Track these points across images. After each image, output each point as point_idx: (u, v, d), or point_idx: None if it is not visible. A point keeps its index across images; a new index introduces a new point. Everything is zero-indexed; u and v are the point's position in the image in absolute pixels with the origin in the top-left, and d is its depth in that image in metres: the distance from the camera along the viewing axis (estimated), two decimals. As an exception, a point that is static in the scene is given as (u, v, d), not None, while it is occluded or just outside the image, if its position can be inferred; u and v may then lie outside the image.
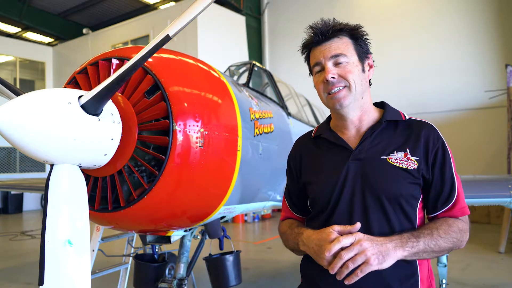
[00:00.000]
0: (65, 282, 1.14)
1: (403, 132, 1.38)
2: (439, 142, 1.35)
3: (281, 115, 3.17)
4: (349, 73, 1.34)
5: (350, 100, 1.35)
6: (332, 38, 1.37)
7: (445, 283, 3.46)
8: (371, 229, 1.28)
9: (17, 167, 13.45)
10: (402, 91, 10.46)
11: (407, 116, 1.44)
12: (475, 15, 10.10)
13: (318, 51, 1.39)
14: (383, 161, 1.33)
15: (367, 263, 1.12)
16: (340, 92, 1.35)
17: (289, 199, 1.61)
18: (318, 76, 1.40)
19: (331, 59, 1.35)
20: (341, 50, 1.35)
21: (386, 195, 1.30)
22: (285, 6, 13.34)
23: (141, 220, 1.70)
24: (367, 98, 1.42)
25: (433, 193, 1.35)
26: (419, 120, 1.42)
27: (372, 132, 1.39)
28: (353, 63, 1.36)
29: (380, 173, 1.32)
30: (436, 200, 1.35)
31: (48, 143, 1.13)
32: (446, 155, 1.35)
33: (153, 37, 1.66)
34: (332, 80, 1.34)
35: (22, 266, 5.92)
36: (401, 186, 1.30)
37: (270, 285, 4.81)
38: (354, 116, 1.40)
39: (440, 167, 1.34)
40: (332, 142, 1.44)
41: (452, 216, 1.35)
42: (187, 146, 1.60)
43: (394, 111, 1.44)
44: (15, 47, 14.56)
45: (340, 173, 1.36)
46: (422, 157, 1.33)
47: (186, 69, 1.81)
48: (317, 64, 1.39)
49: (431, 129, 1.38)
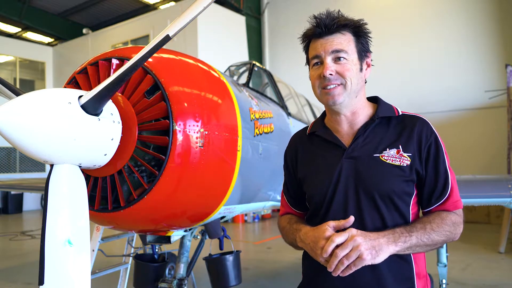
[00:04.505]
0: (65, 282, 1.14)
1: (396, 128, 1.38)
2: (432, 136, 1.35)
3: (281, 115, 3.17)
4: (347, 71, 1.33)
5: (344, 98, 1.35)
6: (335, 32, 1.35)
7: (445, 283, 3.46)
8: (365, 226, 1.30)
9: (17, 167, 13.45)
10: (402, 91, 10.45)
11: (401, 111, 1.43)
12: (475, 15, 10.10)
13: (319, 43, 1.37)
14: (376, 159, 1.33)
15: (360, 258, 1.14)
16: (335, 89, 1.34)
17: (287, 194, 1.61)
18: (315, 69, 1.38)
19: (331, 54, 1.34)
20: (342, 46, 1.34)
21: (378, 192, 1.31)
22: (285, 6, 13.33)
23: (141, 220, 1.70)
24: (361, 97, 1.42)
25: (427, 188, 1.35)
26: (412, 115, 1.41)
27: (365, 130, 1.39)
28: (352, 61, 1.35)
29: (373, 171, 1.32)
30: (430, 195, 1.35)
31: (48, 143, 1.13)
32: (440, 149, 1.35)
33: (153, 37, 1.65)
34: (329, 77, 1.33)
35: (22, 266, 5.92)
36: (394, 183, 1.31)
37: (270, 285, 4.80)
38: (347, 112, 1.40)
39: (434, 162, 1.34)
40: (326, 140, 1.45)
41: (445, 209, 1.35)
42: (187, 146, 1.60)
43: (387, 107, 1.44)
44: (15, 47, 14.56)
45: (334, 171, 1.37)
46: (415, 152, 1.33)
47: (186, 69, 1.81)
48: (316, 56, 1.38)
49: (424, 124, 1.37)
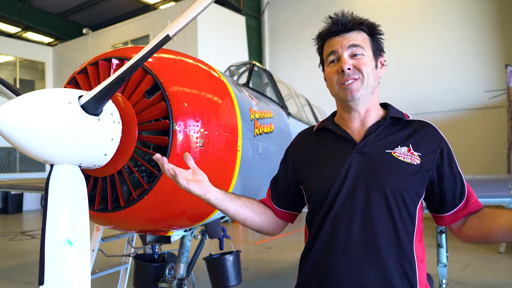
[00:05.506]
0: (65, 282, 1.14)
1: (406, 130, 1.40)
2: (442, 141, 1.37)
3: (281, 115, 3.17)
4: (364, 65, 1.35)
5: (361, 93, 1.36)
6: (351, 30, 1.38)
7: (445, 283, 3.46)
8: (372, 219, 1.27)
9: (17, 167, 13.45)
10: (402, 91, 10.45)
11: (410, 117, 1.46)
12: (475, 15, 10.10)
13: (335, 41, 1.39)
14: (387, 154, 1.33)
15: None
16: (353, 84, 1.35)
17: (274, 189, 1.59)
18: (332, 66, 1.40)
19: (348, 49, 1.36)
20: (359, 42, 1.37)
21: (390, 187, 1.29)
22: (285, 6, 13.33)
23: (141, 220, 1.70)
24: (376, 95, 1.44)
25: (448, 190, 1.36)
26: (421, 120, 1.44)
27: (378, 127, 1.39)
28: (368, 57, 1.37)
29: (385, 167, 1.31)
30: (454, 196, 1.36)
31: (48, 143, 1.13)
32: (451, 153, 1.37)
33: (153, 37, 1.65)
34: (347, 72, 1.34)
35: (22, 266, 5.93)
36: (406, 180, 1.30)
37: (270, 285, 4.81)
38: (362, 109, 1.41)
39: (449, 164, 1.35)
40: (336, 133, 1.44)
41: (470, 211, 1.37)
42: (187, 146, 1.60)
43: (398, 111, 1.47)
44: (15, 47, 14.56)
45: (344, 164, 1.35)
46: (425, 154, 1.33)
47: (186, 69, 1.81)
48: (332, 52, 1.39)
49: (433, 129, 1.40)
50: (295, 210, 1.58)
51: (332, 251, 1.29)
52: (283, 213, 1.57)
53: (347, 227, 1.29)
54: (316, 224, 1.37)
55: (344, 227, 1.29)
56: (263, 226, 1.53)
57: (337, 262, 1.28)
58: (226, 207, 1.38)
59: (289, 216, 1.58)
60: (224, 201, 1.37)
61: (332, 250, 1.29)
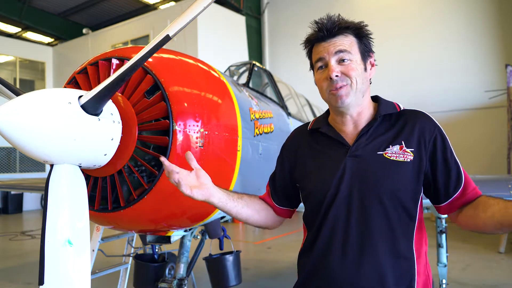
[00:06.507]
0: (65, 282, 1.14)
1: (398, 124, 1.39)
2: (436, 130, 1.36)
3: (281, 115, 3.17)
4: (352, 70, 1.34)
5: (351, 98, 1.36)
6: (337, 35, 1.37)
7: (445, 283, 3.46)
8: (369, 222, 1.29)
9: (17, 167, 13.45)
10: (402, 91, 10.46)
11: (402, 107, 1.44)
12: (475, 15, 10.10)
13: (321, 46, 1.38)
14: (379, 156, 1.33)
15: None
16: (342, 90, 1.35)
17: (273, 186, 1.61)
18: (321, 73, 1.40)
19: (335, 55, 1.35)
20: (345, 47, 1.35)
21: (385, 190, 1.30)
22: (285, 6, 13.34)
23: (141, 220, 1.70)
24: (366, 97, 1.43)
25: (441, 180, 1.34)
26: (414, 110, 1.42)
27: (368, 129, 1.39)
28: (356, 62, 1.36)
29: (378, 169, 1.32)
30: (447, 186, 1.34)
31: (48, 143, 1.13)
32: (445, 141, 1.35)
33: (153, 37, 1.65)
34: (335, 79, 1.34)
35: (22, 266, 5.93)
36: (399, 179, 1.30)
37: (270, 285, 4.81)
38: (353, 112, 1.41)
39: (442, 154, 1.34)
40: (330, 137, 1.45)
41: (468, 199, 1.34)
42: (187, 146, 1.60)
43: (388, 104, 1.44)
44: (15, 47, 14.56)
45: (338, 168, 1.36)
46: (417, 147, 1.33)
47: (186, 69, 1.81)
48: (320, 59, 1.39)
49: (426, 118, 1.38)
50: (294, 206, 1.63)
51: (331, 253, 1.33)
52: (282, 210, 1.61)
53: (344, 230, 1.31)
54: (314, 226, 1.40)
55: (342, 230, 1.32)
56: (263, 223, 1.59)
57: (336, 263, 1.31)
58: (229, 209, 1.43)
59: (288, 212, 1.64)
60: (227, 203, 1.41)
61: (331, 252, 1.33)
